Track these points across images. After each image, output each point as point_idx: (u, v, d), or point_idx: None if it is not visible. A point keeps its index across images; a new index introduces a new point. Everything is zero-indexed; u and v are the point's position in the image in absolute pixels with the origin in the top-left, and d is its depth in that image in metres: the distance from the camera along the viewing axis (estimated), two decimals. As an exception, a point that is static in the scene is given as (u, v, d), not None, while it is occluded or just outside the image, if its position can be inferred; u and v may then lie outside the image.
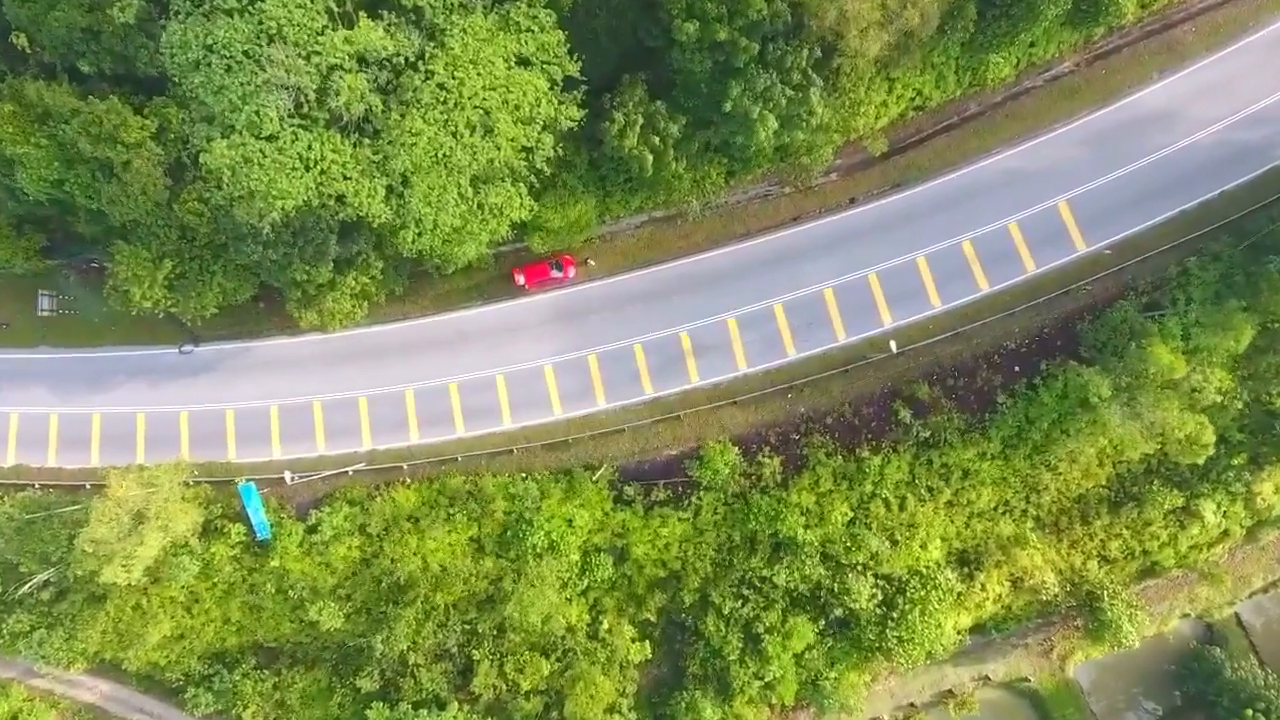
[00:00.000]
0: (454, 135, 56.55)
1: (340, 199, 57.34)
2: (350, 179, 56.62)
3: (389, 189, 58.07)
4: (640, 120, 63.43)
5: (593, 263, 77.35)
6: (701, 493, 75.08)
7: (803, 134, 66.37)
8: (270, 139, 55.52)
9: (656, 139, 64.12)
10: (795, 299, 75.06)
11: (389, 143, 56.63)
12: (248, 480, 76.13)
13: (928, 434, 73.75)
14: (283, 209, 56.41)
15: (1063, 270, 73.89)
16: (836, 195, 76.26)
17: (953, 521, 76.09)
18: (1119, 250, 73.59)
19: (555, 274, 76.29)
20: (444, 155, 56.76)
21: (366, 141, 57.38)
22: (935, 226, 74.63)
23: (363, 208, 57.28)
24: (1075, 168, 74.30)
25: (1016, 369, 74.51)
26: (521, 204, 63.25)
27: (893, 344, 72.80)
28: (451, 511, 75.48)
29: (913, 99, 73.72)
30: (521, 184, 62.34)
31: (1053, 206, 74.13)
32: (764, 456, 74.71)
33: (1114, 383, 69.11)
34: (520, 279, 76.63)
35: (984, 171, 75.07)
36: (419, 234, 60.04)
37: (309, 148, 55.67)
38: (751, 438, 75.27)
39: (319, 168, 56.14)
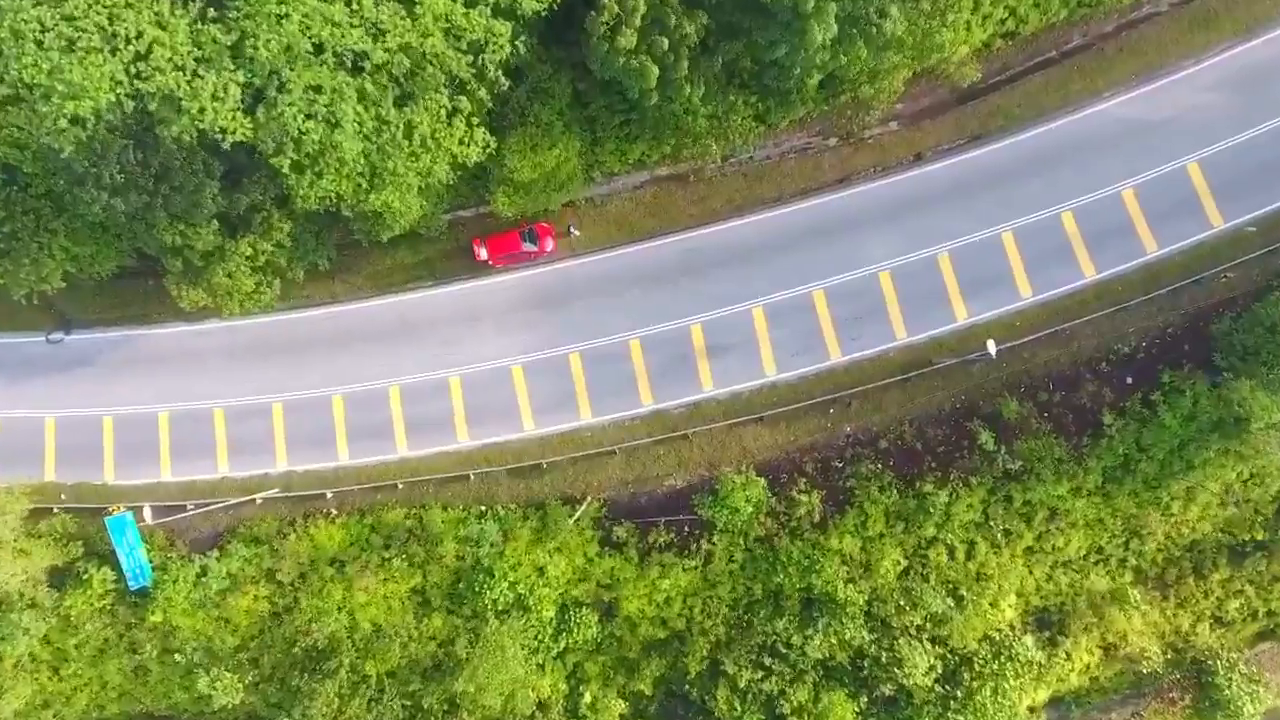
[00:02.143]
0: (349, 6, 33.69)
1: (171, 101, 34.39)
2: (183, 70, 33.32)
3: (254, 91, 35.04)
4: (642, 10, 40.44)
5: (577, 233, 54.44)
6: (715, 535, 53.01)
7: (866, 52, 43.46)
8: (54, 4, 32.63)
9: (665, 43, 40.58)
10: (842, 284, 52.72)
11: (245, 16, 33.20)
12: (122, 510, 53.51)
13: (1017, 465, 51.82)
14: (76, 113, 33.27)
15: (1192, 252, 51.75)
16: (897, 150, 53.28)
17: (1032, 572, 54.02)
18: (1265, 227, 51.33)
19: (528, 247, 53.66)
20: (333, 39, 33.68)
21: (213, 13, 34.49)
22: (1026, 193, 52.38)
23: (206, 116, 33.51)
24: (1209, 119, 52.12)
25: (1129, 380, 52.23)
26: (471, 135, 39.54)
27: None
28: (387, 555, 52.68)
29: (1003, 21, 50.17)
30: (467, 99, 39.29)
31: (1180, 169, 51.93)
32: (798, 491, 52.53)
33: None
34: (482, 253, 53.89)
35: (1090, 122, 52.59)
36: (315, 169, 36.67)
37: (115, 19, 32.54)
38: (781, 465, 52.53)
39: (132, 49, 32.79)
